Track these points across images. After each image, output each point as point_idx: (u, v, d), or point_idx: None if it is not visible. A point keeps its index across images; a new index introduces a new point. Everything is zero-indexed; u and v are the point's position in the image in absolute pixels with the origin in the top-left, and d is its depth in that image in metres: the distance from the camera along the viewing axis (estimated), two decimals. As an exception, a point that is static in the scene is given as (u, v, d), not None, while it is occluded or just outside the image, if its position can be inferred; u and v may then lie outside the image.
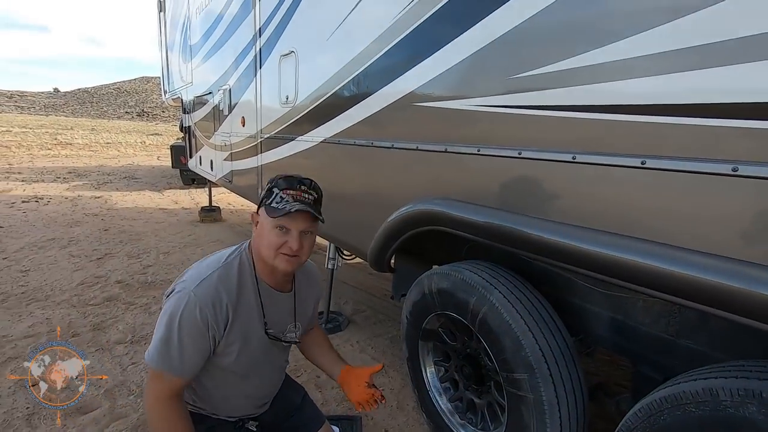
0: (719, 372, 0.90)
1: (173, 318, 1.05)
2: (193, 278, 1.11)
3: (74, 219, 5.66)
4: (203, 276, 1.11)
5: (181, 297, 1.07)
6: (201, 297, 1.07)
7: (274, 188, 1.13)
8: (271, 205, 1.10)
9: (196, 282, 1.09)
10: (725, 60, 0.79)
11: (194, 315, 1.05)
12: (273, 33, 2.77)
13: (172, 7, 6.16)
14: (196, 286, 1.08)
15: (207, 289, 1.09)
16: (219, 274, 1.12)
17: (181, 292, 1.08)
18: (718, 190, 0.83)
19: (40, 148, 15.36)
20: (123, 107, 43.28)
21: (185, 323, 1.05)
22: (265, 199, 1.13)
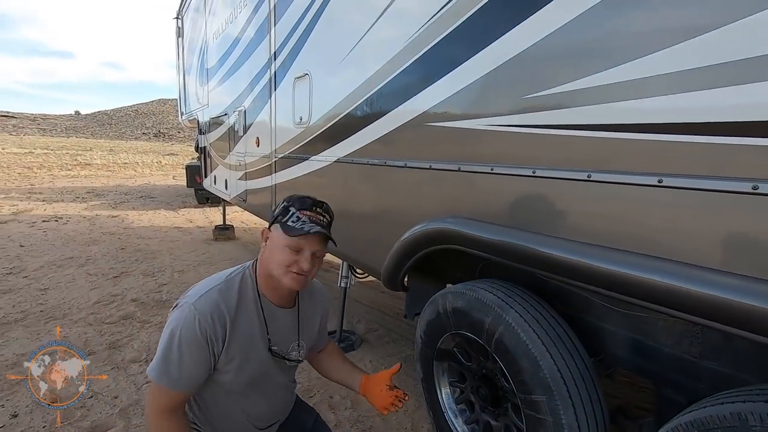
0: (747, 396, 0.87)
1: (173, 332, 1.07)
2: (194, 293, 1.13)
3: (92, 238, 5.77)
4: (204, 290, 1.12)
5: (181, 311, 1.09)
6: (200, 310, 1.08)
7: (291, 207, 1.14)
8: (287, 223, 1.12)
9: (197, 296, 1.11)
10: (743, 78, 0.79)
11: (193, 328, 1.06)
12: (288, 56, 2.85)
13: (189, 32, 6.39)
14: (196, 300, 1.09)
15: (207, 302, 1.10)
16: (219, 289, 1.14)
17: (182, 306, 1.10)
18: (738, 208, 0.82)
19: (61, 169, 15.82)
20: (141, 128, 44.48)
21: (185, 336, 1.06)
22: (280, 216, 1.14)
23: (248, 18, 3.58)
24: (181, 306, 1.10)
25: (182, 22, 6.86)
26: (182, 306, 1.10)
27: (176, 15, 6.97)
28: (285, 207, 1.15)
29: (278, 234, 1.14)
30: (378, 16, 1.89)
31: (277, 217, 1.15)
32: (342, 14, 2.24)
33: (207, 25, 5.15)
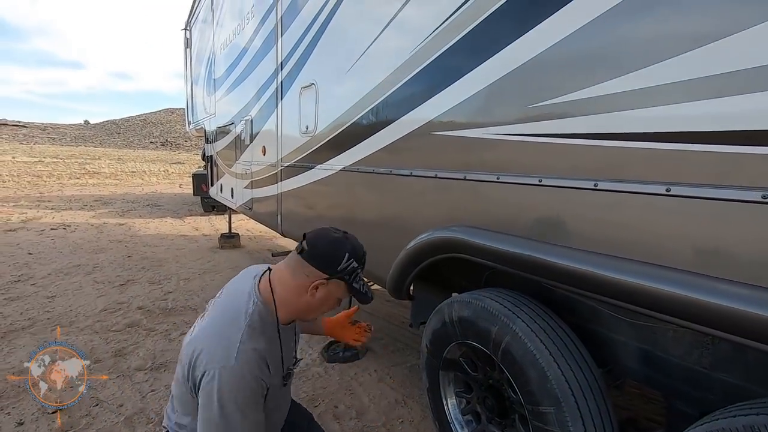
0: (761, 408, 0.85)
1: (229, 400, 0.98)
2: (224, 352, 1.01)
3: (99, 246, 5.82)
4: (234, 345, 1.02)
5: (226, 376, 0.98)
6: (246, 367, 1.00)
7: (359, 269, 1.12)
8: (353, 285, 1.12)
9: (233, 354, 1.00)
10: (751, 87, 0.79)
11: (247, 388, 1.00)
12: (294, 66, 2.88)
13: (197, 43, 6.48)
14: (233, 358, 1.00)
15: (246, 357, 1.01)
16: (248, 333, 1.05)
17: (221, 370, 0.99)
18: (747, 217, 0.81)
19: (69, 177, 16.01)
20: (148, 137, 45.00)
21: (242, 400, 0.99)
22: (347, 276, 1.10)
23: (255, 29, 3.63)
24: (220, 371, 0.99)
25: (190, 33, 6.97)
26: (222, 370, 0.99)
27: (185, 26, 7.08)
28: (354, 268, 1.10)
29: (339, 290, 1.12)
30: (384, 26, 1.91)
31: (343, 274, 1.09)
32: (348, 25, 2.27)
33: (215, 36, 5.23)
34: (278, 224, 3.37)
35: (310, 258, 1.09)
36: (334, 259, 1.08)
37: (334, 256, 1.09)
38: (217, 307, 1.16)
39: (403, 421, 2.14)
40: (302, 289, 1.10)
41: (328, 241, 1.11)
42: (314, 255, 1.09)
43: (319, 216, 2.76)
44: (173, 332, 3.10)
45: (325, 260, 1.08)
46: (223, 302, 1.17)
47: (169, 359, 2.69)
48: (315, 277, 1.09)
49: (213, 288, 4.15)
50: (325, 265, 1.08)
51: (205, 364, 1.00)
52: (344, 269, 1.09)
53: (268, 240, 6.65)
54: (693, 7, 0.89)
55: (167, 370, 2.56)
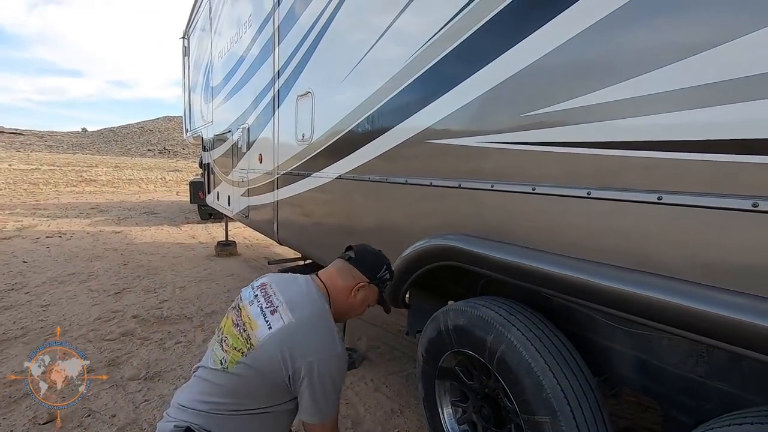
0: (755, 417, 0.85)
1: (336, 378, 1.18)
2: (329, 341, 1.18)
3: (95, 254, 5.79)
4: (334, 335, 1.20)
5: (335, 361, 1.17)
6: (344, 352, 1.22)
7: (389, 281, 1.39)
8: (383, 294, 1.40)
9: (337, 342, 1.20)
10: (742, 96, 0.80)
11: (346, 367, 1.24)
12: (291, 75, 2.89)
13: (195, 51, 6.52)
14: (339, 347, 1.19)
15: (343, 343, 1.23)
16: (336, 327, 1.23)
17: (329, 355, 1.16)
18: (738, 225, 0.82)
19: (66, 185, 15.96)
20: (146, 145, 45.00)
21: (341, 377, 1.21)
22: (382, 284, 1.37)
23: (253, 37, 3.66)
24: (329, 356, 1.16)
25: (188, 41, 7.01)
26: (333, 356, 1.17)
27: (183, 35, 7.12)
28: (387, 279, 1.37)
29: (373, 296, 1.37)
30: (379, 35, 1.92)
31: (379, 281, 1.35)
32: (344, 34, 2.28)
33: (212, 45, 5.26)
34: (274, 232, 3.37)
35: (357, 263, 1.33)
36: (377, 266, 1.35)
37: (377, 263, 1.35)
38: (295, 306, 1.21)
39: (399, 431, 2.12)
40: (348, 290, 1.31)
41: (373, 252, 1.39)
42: (361, 261, 1.34)
43: (315, 224, 2.76)
44: (168, 341, 3.07)
45: (369, 266, 1.34)
46: (297, 301, 1.23)
47: (163, 369, 2.66)
48: (359, 279, 1.31)
49: (209, 296, 4.12)
50: (369, 270, 1.33)
51: (312, 352, 1.13)
52: (381, 277, 1.34)
53: (265, 248, 6.63)
54: (684, 17, 0.90)
55: (161, 379, 2.54)
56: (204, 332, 3.25)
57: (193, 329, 3.31)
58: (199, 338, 3.14)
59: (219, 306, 3.83)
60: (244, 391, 1.16)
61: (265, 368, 1.13)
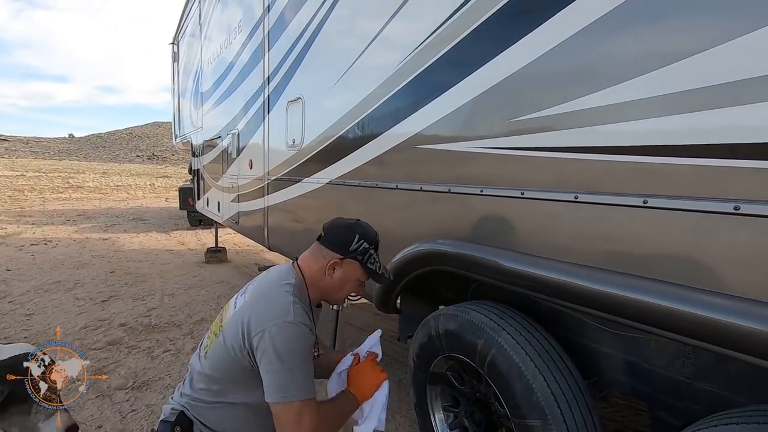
0: (740, 417, 0.86)
1: (290, 350, 1.07)
2: (280, 309, 1.11)
3: (81, 261, 5.69)
4: (289, 303, 1.12)
5: (286, 330, 1.08)
6: (303, 322, 1.11)
7: (371, 249, 1.25)
8: (368, 265, 1.24)
9: (290, 310, 1.11)
10: (724, 102, 0.82)
11: (306, 338, 1.11)
12: (281, 80, 2.89)
13: (185, 57, 6.49)
14: (293, 316, 1.10)
15: (302, 314, 1.13)
16: (295, 294, 1.16)
17: (280, 323, 1.08)
18: (721, 228, 0.83)
19: (52, 192, 15.71)
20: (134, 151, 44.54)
21: (301, 349, 1.10)
22: (360, 256, 1.23)
23: (243, 43, 3.65)
24: (281, 325, 1.08)
25: (178, 47, 6.98)
26: (283, 324, 1.08)
27: (172, 41, 7.09)
28: (365, 248, 1.24)
29: (356, 271, 1.25)
30: (369, 41, 1.94)
31: (355, 254, 1.23)
32: (334, 40, 2.29)
33: (202, 50, 5.24)
34: (265, 238, 3.35)
35: (326, 242, 1.26)
36: (346, 240, 1.23)
37: (346, 237, 1.24)
38: (258, 285, 1.24)
39: (391, 437, 2.11)
40: (322, 270, 1.24)
41: (341, 225, 1.28)
42: (329, 239, 1.26)
43: (306, 229, 2.74)
44: (156, 349, 3.03)
45: (338, 242, 1.24)
46: (263, 281, 1.26)
47: (150, 378, 2.62)
48: (331, 257, 1.23)
49: (199, 303, 4.07)
50: (339, 245, 1.24)
51: (263, 323, 1.09)
52: (356, 249, 1.23)
53: (255, 254, 6.58)
54: (667, 24, 0.92)
55: (149, 389, 2.49)
56: (193, 340, 3.21)
57: (182, 337, 3.27)
58: (188, 346, 3.10)
59: (209, 313, 3.79)
60: (221, 375, 1.17)
61: (235, 345, 1.12)
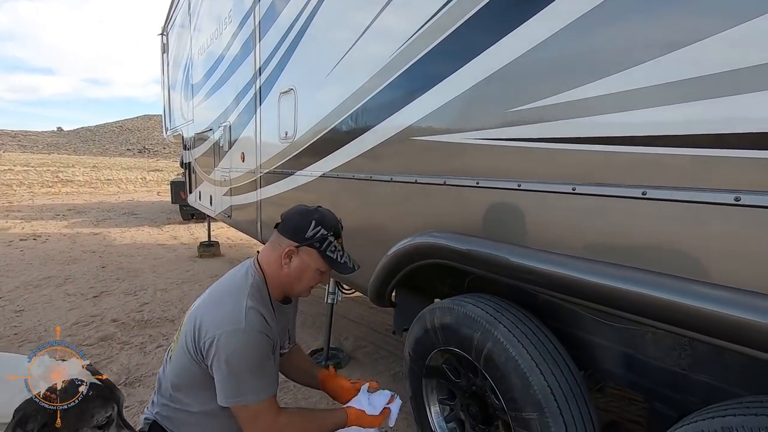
0: (737, 408, 0.86)
1: (244, 356, 1.05)
2: (231, 316, 1.08)
3: (72, 256, 5.62)
4: (241, 309, 1.08)
5: (237, 337, 1.05)
6: (257, 327, 1.07)
7: (330, 236, 1.19)
8: (327, 253, 1.18)
9: (240, 317, 1.07)
10: (724, 91, 0.80)
11: (262, 342, 1.08)
12: (273, 71, 2.84)
13: (174, 48, 6.37)
14: (243, 321, 1.06)
15: (256, 318, 1.09)
16: (251, 297, 1.12)
17: (230, 330, 1.05)
18: (721, 219, 0.82)
19: (41, 186, 15.48)
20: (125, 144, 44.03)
21: (256, 352, 1.07)
22: (318, 243, 1.17)
23: (233, 34, 3.59)
24: (229, 333, 1.05)
25: (167, 38, 6.85)
26: (232, 333, 1.05)
27: (161, 31, 6.96)
28: (323, 235, 1.17)
29: (314, 259, 1.19)
30: (362, 31, 1.90)
31: (312, 241, 1.17)
32: (326, 30, 2.25)
33: (192, 41, 5.15)
34: (258, 232, 3.31)
35: (282, 230, 1.20)
36: (301, 227, 1.17)
37: (300, 223, 1.18)
38: (217, 285, 1.23)
39: (387, 430, 2.10)
40: (279, 261, 1.18)
41: (297, 212, 1.22)
42: (285, 226, 1.20)
43: (300, 223, 2.71)
44: (149, 345, 3.00)
45: (294, 229, 1.18)
46: (222, 281, 1.23)
47: (144, 373, 2.59)
48: (286, 245, 1.18)
49: (192, 298, 4.03)
50: (294, 233, 1.18)
51: (213, 329, 1.06)
52: (312, 236, 1.17)
53: (249, 248, 6.54)
54: (664, 13, 0.90)
55: (142, 384, 2.47)
56: (186, 335, 3.18)
57: (175, 332, 3.23)
58: (181, 341, 3.07)
59: (202, 308, 3.76)
60: (182, 380, 1.15)
61: (189, 347, 1.10)
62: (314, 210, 1.22)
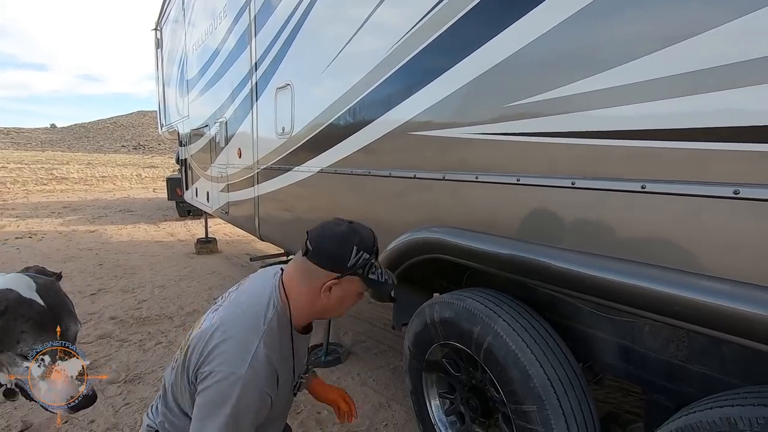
0: (735, 399, 0.87)
1: (233, 408, 0.92)
2: (237, 357, 0.96)
3: (68, 254, 5.59)
4: (249, 352, 0.96)
5: (234, 382, 0.93)
6: (256, 378, 0.95)
7: (372, 259, 1.03)
8: (370, 277, 1.03)
9: (246, 361, 0.95)
10: (723, 85, 0.81)
11: (253, 398, 0.95)
12: (269, 67, 2.82)
13: (168, 43, 6.31)
14: (248, 367, 0.94)
15: (258, 367, 0.96)
16: (265, 342, 0.98)
17: (229, 374, 0.94)
18: (720, 212, 0.83)
19: (36, 184, 15.37)
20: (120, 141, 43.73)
21: (251, 407, 0.94)
22: (361, 270, 1.02)
23: (228, 28, 3.55)
24: (228, 376, 0.93)
25: (161, 33, 6.78)
26: (231, 376, 0.93)
27: (155, 26, 6.89)
28: (366, 260, 1.02)
29: (356, 286, 1.05)
30: (359, 26, 1.89)
31: (355, 270, 1.01)
32: (323, 24, 2.23)
33: (186, 36, 5.10)
34: (256, 228, 3.31)
35: (316, 259, 1.01)
36: (342, 256, 1.00)
37: (341, 253, 1.00)
38: (236, 305, 1.07)
39: (387, 424, 2.12)
40: (315, 292, 1.03)
41: (333, 237, 1.02)
42: (320, 255, 1.01)
43: (298, 218, 2.71)
44: (148, 342, 3.00)
45: (332, 259, 1.01)
46: (243, 301, 1.08)
47: (143, 371, 2.59)
48: (326, 277, 1.01)
49: (190, 295, 4.04)
50: (334, 264, 1.01)
51: (216, 364, 0.95)
52: (355, 264, 1.00)
53: (246, 244, 6.52)
54: (663, 6, 0.90)
55: (142, 382, 2.47)
56: (186, 332, 3.17)
57: (174, 329, 3.24)
58: (180, 338, 3.07)
59: (200, 305, 3.75)
60: (183, 399, 1.06)
61: (190, 369, 1.01)
62: (351, 232, 1.03)
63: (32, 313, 0.93)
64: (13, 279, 0.97)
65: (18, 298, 0.92)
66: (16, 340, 0.90)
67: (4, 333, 0.89)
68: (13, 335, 0.89)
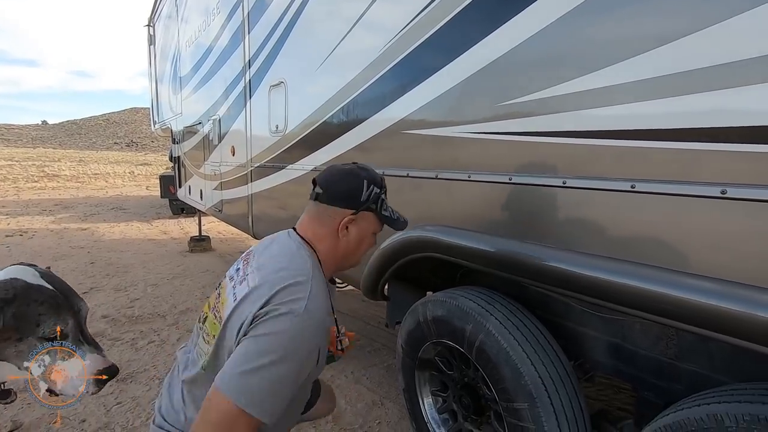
0: (722, 396, 0.88)
1: (293, 349, 0.86)
2: (306, 296, 0.90)
3: (60, 252, 5.54)
4: (317, 292, 0.92)
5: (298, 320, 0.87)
6: (318, 319, 0.91)
7: (382, 194, 1.06)
8: (383, 213, 1.06)
9: (316, 304, 0.91)
10: (710, 85, 0.81)
11: (314, 343, 0.90)
12: (263, 64, 2.81)
13: (161, 40, 6.26)
14: (317, 310, 0.90)
15: (323, 307, 0.93)
16: (317, 286, 0.94)
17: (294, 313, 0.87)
18: (708, 212, 0.83)
19: (26, 181, 15.21)
20: (112, 138, 43.34)
21: (304, 356, 0.89)
22: (374, 205, 1.04)
23: (222, 25, 3.53)
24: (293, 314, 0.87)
25: (154, 29, 6.72)
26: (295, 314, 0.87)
27: (148, 23, 6.83)
28: (377, 194, 1.04)
29: (371, 223, 1.06)
30: (353, 24, 1.88)
31: (368, 204, 1.03)
32: (317, 22, 2.23)
33: (179, 33, 5.06)
34: (249, 226, 3.29)
35: (330, 199, 1.03)
36: (355, 189, 1.02)
37: (353, 186, 1.02)
38: (273, 263, 0.99)
39: (380, 422, 2.13)
40: (334, 234, 1.03)
41: (342, 174, 1.05)
42: (333, 194, 1.03)
43: (292, 216, 2.70)
44: (140, 341, 2.98)
45: (346, 195, 1.02)
46: (278, 258, 1.00)
47: (135, 370, 2.58)
48: (342, 215, 1.02)
49: (183, 293, 4.02)
50: (347, 200, 1.02)
51: (273, 306, 0.88)
52: (368, 198, 1.02)
53: (240, 242, 6.50)
54: (653, 7, 0.91)
55: (134, 381, 2.46)
56: (179, 330, 3.16)
57: (167, 327, 3.22)
58: (173, 337, 3.06)
59: (194, 303, 3.74)
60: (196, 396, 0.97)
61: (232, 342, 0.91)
62: (358, 168, 1.05)
63: (45, 297, 0.94)
64: (15, 270, 0.98)
65: (26, 285, 0.93)
66: (36, 323, 0.92)
67: (20, 319, 0.90)
68: (30, 319, 0.91)
